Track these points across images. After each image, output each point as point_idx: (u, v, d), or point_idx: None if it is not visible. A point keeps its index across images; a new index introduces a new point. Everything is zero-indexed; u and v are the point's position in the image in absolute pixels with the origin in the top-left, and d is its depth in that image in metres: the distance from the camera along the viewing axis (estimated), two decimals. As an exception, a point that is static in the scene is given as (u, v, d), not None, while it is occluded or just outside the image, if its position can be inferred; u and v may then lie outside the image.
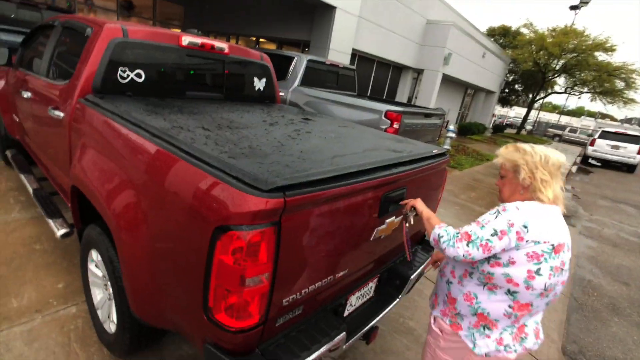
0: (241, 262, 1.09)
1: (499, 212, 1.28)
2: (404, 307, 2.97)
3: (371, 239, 1.63)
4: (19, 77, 3.06)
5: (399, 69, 13.65)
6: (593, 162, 16.67)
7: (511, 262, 1.23)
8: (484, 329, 1.35)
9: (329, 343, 1.43)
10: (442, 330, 1.49)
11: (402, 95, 14.05)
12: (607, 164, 16.19)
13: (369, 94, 11.42)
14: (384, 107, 4.71)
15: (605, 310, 3.71)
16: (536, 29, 20.23)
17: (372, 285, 1.96)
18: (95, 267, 1.99)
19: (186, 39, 2.47)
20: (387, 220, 1.68)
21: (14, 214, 3.23)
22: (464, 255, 1.25)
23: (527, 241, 1.21)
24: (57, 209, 2.54)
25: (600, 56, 18.99)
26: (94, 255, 1.93)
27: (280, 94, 5.68)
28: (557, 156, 1.33)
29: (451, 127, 10.78)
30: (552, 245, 1.23)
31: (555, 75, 21.12)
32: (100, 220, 1.79)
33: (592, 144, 15.87)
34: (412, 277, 2.08)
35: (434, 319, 1.55)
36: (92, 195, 1.69)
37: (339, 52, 9.30)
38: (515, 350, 1.35)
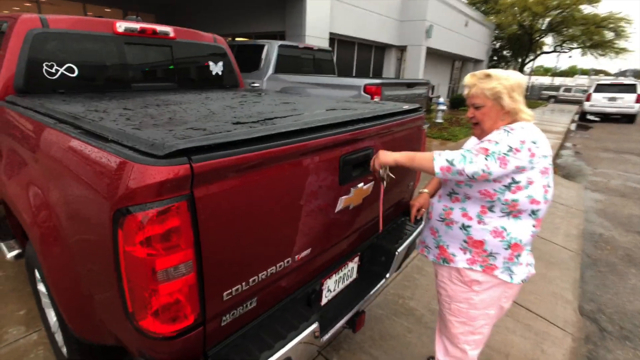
0: (149, 250, 0.87)
1: (507, 132, 1.24)
2: (403, 286, 2.75)
3: (336, 211, 1.39)
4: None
5: (381, 49, 13.32)
6: (591, 117, 16.29)
7: (530, 183, 1.23)
8: (517, 258, 1.35)
9: (297, 338, 1.21)
10: (473, 282, 1.40)
11: (388, 75, 13.73)
12: (606, 118, 15.80)
13: (355, 76, 11.14)
14: (362, 81, 4.47)
15: (621, 263, 3.47)
16: (517, -10, 19.75)
17: (352, 265, 1.73)
18: (44, 286, 1.77)
19: (121, 25, 2.23)
20: (354, 188, 1.44)
21: (-23, 243, 3.02)
22: (482, 170, 1.19)
23: (538, 157, 1.22)
24: (9, 231, 2.32)
25: (586, 9, 18.54)
26: (37, 274, 1.71)
27: (255, 84, 5.45)
28: (522, 77, 1.34)
29: (441, 99, 10.52)
30: (551, 156, 1.28)
31: (542, 35, 20.68)
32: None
33: (587, 99, 15.49)
34: (398, 251, 1.85)
35: (459, 272, 1.43)
36: (11, 203, 1.47)
37: (315, 38, 9.01)
38: (533, 265, 1.43)
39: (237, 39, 12.35)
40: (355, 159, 1.38)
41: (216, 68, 2.83)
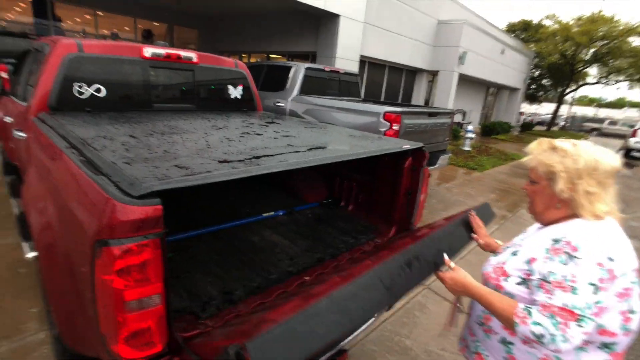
0: (120, 281, 0.92)
1: (570, 256, 0.92)
2: (402, 323, 2.68)
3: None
4: (7, 103, 3.15)
5: (412, 73, 13.33)
6: (637, 154, 15.27)
7: (600, 309, 0.92)
8: None
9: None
10: None
11: (418, 99, 13.66)
12: (654, 156, 14.75)
13: (382, 100, 11.19)
14: (382, 108, 4.48)
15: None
16: (560, 20, 19.20)
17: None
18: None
19: (148, 51, 2.41)
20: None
21: (9, 238, 3.28)
22: (582, 339, 0.89)
23: (616, 277, 0.92)
24: (32, 231, 2.51)
25: (635, 41, 17.66)
26: (45, 277, 1.84)
27: (280, 104, 5.63)
28: (609, 160, 1.00)
29: (469, 127, 10.29)
30: (636, 270, 0.97)
31: (586, 66, 19.84)
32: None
33: (633, 134, 14.59)
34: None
35: None
36: (26, 212, 1.60)
37: (346, 60, 9.19)
38: None
39: (271, 56, 12.85)
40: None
41: (235, 92, 2.96)
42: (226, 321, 1.29)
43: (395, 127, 4.37)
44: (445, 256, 1.15)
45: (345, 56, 9.21)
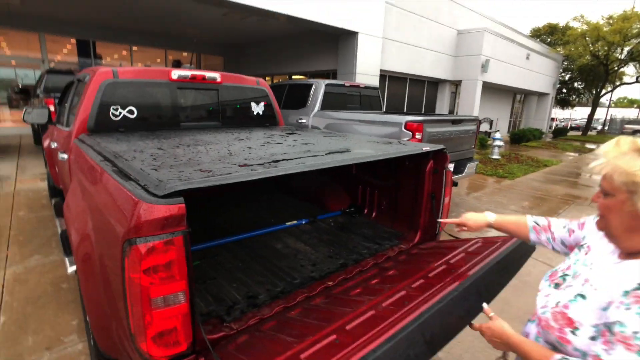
0: (147, 278, 0.97)
1: None
2: (433, 335, 2.57)
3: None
4: (52, 131, 3.44)
5: (434, 84, 13.24)
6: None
7: None
8: None
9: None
10: None
11: (441, 110, 13.49)
12: None
13: (404, 112, 11.13)
14: (404, 118, 4.47)
15: None
16: (588, 20, 18.54)
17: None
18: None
19: (176, 73, 2.57)
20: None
21: (52, 256, 3.50)
22: None
23: None
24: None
25: (674, 37, 16.65)
26: (84, 288, 1.94)
27: (302, 120, 5.75)
28: None
29: (497, 135, 9.98)
30: None
31: (621, 65, 18.87)
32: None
33: (681, 135, 13.55)
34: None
35: None
36: (67, 226, 1.72)
37: (366, 76, 9.31)
38: None
39: (293, 76, 13.25)
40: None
41: (257, 108, 3.08)
42: (249, 325, 1.30)
43: (418, 136, 4.33)
44: (485, 305, 1.06)
45: (365, 72, 9.33)
